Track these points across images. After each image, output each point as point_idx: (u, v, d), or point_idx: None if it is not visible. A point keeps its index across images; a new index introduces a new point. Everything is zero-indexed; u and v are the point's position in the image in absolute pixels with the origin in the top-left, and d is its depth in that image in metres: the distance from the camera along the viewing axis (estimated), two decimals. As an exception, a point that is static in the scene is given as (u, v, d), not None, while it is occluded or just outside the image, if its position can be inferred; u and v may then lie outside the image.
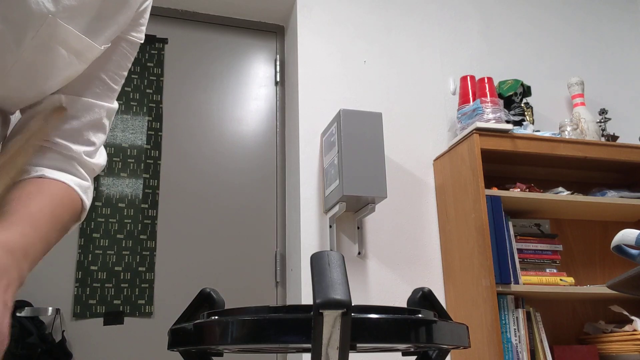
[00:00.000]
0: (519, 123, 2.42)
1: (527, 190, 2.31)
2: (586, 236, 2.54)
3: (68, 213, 0.72)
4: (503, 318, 2.06)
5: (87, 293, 2.20)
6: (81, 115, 0.77)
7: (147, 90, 2.52)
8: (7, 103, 0.77)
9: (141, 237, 2.32)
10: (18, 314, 2.02)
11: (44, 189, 0.70)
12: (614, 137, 2.54)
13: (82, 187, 0.76)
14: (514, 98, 2.51)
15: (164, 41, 2.62)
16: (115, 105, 0.82)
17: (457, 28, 2.77)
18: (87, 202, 0.77)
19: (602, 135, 2.56)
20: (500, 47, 2.81)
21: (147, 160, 2.43)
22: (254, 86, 2.69)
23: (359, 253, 2.27)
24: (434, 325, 0.65)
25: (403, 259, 2.32)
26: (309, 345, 0.58)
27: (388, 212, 2.35)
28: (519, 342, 2.06)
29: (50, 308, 2.12)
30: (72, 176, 0.75)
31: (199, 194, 2.45)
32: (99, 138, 0.80)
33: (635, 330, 2.18)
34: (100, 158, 0.81)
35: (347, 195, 2.08)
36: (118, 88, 0.83)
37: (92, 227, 2.28)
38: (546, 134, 2.39)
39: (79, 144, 0.77)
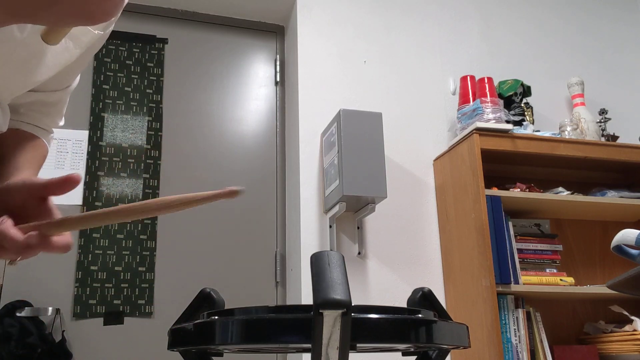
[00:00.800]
0: (519, 123, 2.42)
1: (527, 190, 2.31)
2: (586, 236, 2.54)
3: (39, 161, 0.95)
4: (503, 318, 2.06)
5: (87, 293, 2.20)
6: (54, 103, 0.92)
7: (147, 90, 2.52)
8: (5, 92, 0.77)
9: (141, 237, 2.32)
10: (18, 314, 2.02)
11: (24, 143, 0.90)
12: (614, 137, 2.54)
13: (48, 138, 0.96)
14: (514, 98, 2.51)
15: (164, 41, 2.62)
16: (77, 80, 0.95)
17: (457, 28, 2.77)
18: (49, 146, 0.98)
19: (602, 135, 2.56)
20: (500, 47, 2.81)
21: (147, 160, 2.43)
22: (254, 86, 2.69)
23: (359, 253, 2.27)
24: (434, 325, 0.65)
25: (403, 259, 2.32)
26: (309, 345, 0.58)
27: (388, 212, 2.35)
28: (519, 342, 2.06)
29: (50, 308, 2.12)
30: (41, 130, 0.93)
31: (199, 194, 2.44)
32: (62, 110, 0.97)
33: (635, 330, 2.18)
34: (62, 120, 1.00)
35: (347, 195, 2.08)
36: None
37: (92, 227, 2.28)
38: (546, 134, 2.39)
39: (50, 116, 0.95)
